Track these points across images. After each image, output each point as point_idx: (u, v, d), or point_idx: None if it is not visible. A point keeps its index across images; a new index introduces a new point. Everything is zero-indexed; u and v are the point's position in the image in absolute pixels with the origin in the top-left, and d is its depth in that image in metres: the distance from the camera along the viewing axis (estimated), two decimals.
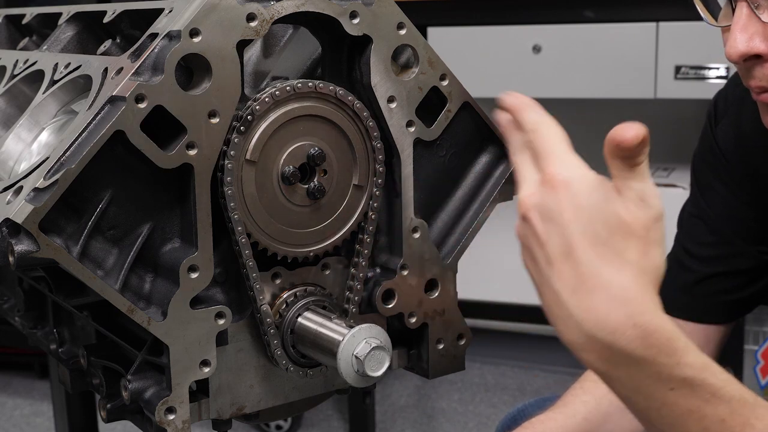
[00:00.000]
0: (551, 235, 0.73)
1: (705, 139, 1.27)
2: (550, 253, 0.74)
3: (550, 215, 0.73)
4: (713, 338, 1.25)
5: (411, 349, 0.94)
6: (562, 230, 0.73)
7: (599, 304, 0.72)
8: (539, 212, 0.74)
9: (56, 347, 0.97)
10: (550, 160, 0.75)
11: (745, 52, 0.97)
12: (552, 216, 0.73)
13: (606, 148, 0.72)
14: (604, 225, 0.72)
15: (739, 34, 0.96)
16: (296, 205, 0.83)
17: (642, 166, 0.72)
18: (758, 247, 1.22)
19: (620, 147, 0.71)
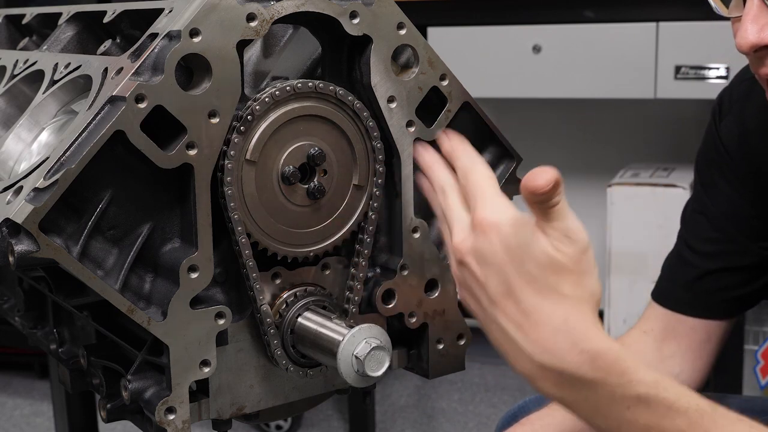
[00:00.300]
0: (489, 277, 0.77)
1: (709, 136, 1.27)
2: (491, 294, 0.77)
3: (485, 258, 0.77)
4: (715, 334, 1.26)
5: (411, 349, 0.94)
6: (498, 271, 0.76)
7: (545, 335, 0.75)
8: (474, 256, 0.78)
9: (56, 347, 0.97)
10: (479, 204, 0.78)
11: (756, 43, 0.97)
12: (487, 259, 0.77)
13: (522, 193, 0.74)
14: (536, 264, 0.75)
15: (750, 25, 0.96)
16: (296, 205, 0.83)
17: (560, 206, 0.74)
18: (761, 243, 1.22)
19: (535, 194, 0.73)
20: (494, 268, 0.76)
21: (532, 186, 0.73)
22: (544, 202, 0.73)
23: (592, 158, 3.01)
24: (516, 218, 0.77)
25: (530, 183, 0.73)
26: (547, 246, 0.74)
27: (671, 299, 1.26)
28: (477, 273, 0.78)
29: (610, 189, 2.36)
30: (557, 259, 0.74)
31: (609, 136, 2.99)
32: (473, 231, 0.78)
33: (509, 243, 0.76)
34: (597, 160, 2.99)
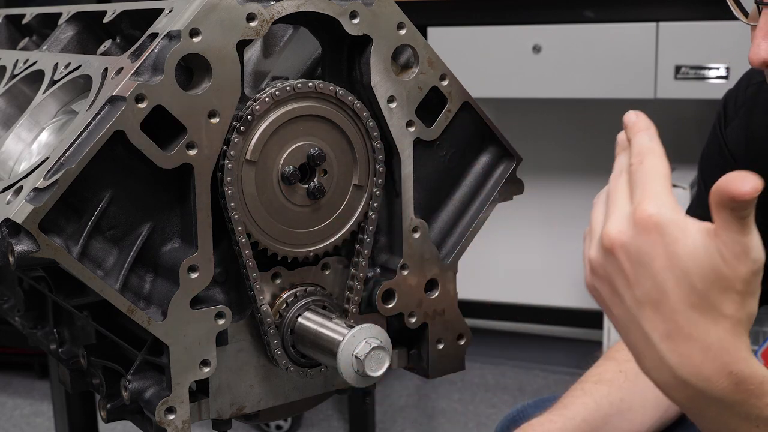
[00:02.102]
0: (641, 278, 0.71)
1: (714, 140, 1.27)
2: (639, 296, 0.71)
3: (640, 258, 0.71)
4: None
5: (411, 349, 0.94)
6: (653, 276, 0.70)
7: (694, 352, 0.71)
8: (627, 252, 0.71)
9: (56, 347, 0.97)
10: (646, 196, 0.71)
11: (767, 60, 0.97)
12: (642, 260, 0.71)
13: (714, 197, 0.68)
14: (701, 278, 0.69)
15: (763, 41, 0.96)
16: (296, 205, 0.83)
17: (749, 218, 0.68)
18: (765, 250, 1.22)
19: (734, 200, 0.67)
20: (649, 271, 0.70)
21: (736, 191, 0.66)
22: (740, 210, 0.67)
23: (592, 158, 3.01)
24: (684, 224, 0.70)
25: (733, 187, 0.67)
26: (720, 262, 0.68)
27: None
28: (627, 270, 0.71)
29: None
30: (728, 278, 0.69)
31: (609, 136, 2.99)
32: (634, 225, 0.71)
33: (675, 250, 0.69)
34: (597, 160, 2.99)
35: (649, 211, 0.70)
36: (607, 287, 0.74)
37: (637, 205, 0.71)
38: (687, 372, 0.71)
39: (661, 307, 0.70)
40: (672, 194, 0.72)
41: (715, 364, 0.71)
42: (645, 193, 0.72)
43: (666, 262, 0.70)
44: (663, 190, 0.72)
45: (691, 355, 0.71)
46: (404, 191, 0.88)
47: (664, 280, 0.70)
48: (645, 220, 0.70)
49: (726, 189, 0.67)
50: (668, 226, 0.70)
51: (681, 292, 0.70)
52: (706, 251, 0.69)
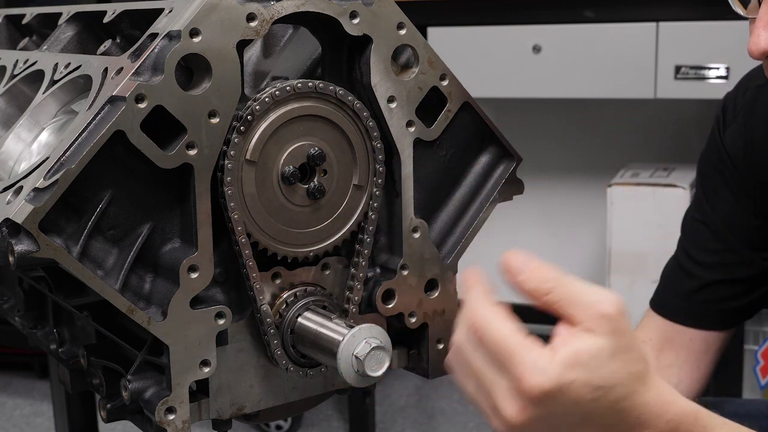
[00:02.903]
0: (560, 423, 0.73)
1: (712, 143, 1.26)
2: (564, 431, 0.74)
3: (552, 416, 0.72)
4: (713, 345, 1.25)
5: (411, 349, 0.94)
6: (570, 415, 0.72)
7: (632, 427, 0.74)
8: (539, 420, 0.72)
9: (56, 347, 0.97)
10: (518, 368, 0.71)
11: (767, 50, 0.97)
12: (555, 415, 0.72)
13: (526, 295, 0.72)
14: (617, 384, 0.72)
15: (762, 31, 0.96)
16: (296, 205, 0.83)
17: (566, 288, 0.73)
18: (762, 254, 1.22)
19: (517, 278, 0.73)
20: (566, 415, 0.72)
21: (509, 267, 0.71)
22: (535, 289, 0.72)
23: (592, 158, 3.01)
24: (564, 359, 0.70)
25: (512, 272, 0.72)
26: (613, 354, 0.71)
27: (670, 309, 1.26)
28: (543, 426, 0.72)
29: (610, 189, 2.36)
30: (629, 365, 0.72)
31: (609, 136, 2.99)
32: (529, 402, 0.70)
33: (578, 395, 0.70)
34: (597, 160, 2.99)
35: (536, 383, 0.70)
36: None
37: (519, 383, 0.71)
38: None
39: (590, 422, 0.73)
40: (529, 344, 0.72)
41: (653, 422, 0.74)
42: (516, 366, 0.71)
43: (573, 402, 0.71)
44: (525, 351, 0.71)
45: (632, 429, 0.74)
46: (404, 191, 0.88)
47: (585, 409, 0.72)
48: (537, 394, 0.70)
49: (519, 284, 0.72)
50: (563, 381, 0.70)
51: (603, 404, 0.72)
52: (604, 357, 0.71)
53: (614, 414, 0.73)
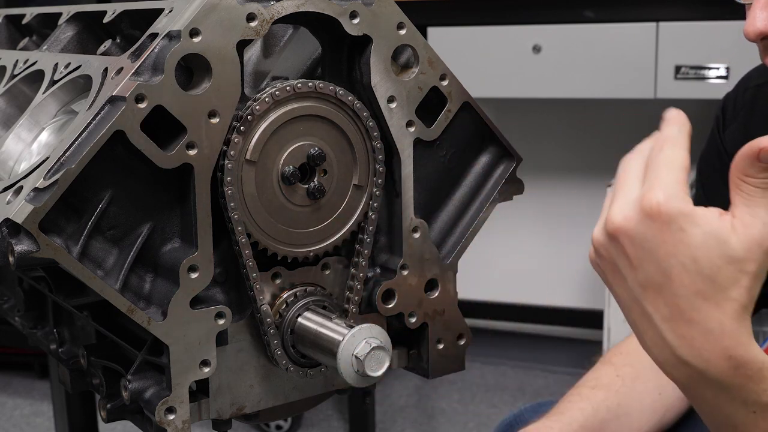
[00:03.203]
0: (644, 263, 0.71)
1: (712, 143, 1.26)
2: (642, 279, 0.71)
3: (644, 245, 0.70)
4: None
5: (411, 349, 0.94)
6: (657, 262, 0.70)
7: (695, 335, 0.71)
8: (631, 239, 0.71)
9: (56, 347, 0.97)
10: (656, 184, 0.70)
11: (764, 31, 0.96)
12: (646, 246, 0.70)
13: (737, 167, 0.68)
14: (711, 265, 0.69)
15: (759, 12, 0.96)
16: (296, 205, 0.83)
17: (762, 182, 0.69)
18: None
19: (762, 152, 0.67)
20: (654, 257, 0.70)
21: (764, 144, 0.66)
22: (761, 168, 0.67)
23: (592, 158, 3.01)
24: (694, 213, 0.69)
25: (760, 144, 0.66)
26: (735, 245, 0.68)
27: None
28: (630, 254, 0.71)
29: (610, 189, 2.36)
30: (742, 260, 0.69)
31: (609, 136, 3.00)
32: (640, 211, 0.70)
33: (682, 239, 0.69)
34: (597, 160, 2.99)
35: (657, 200, 0.69)
36: (610, 268, 0.74)
37: (646, 192, 0.70)
38: (687, 353, 0.71)
39: (664, 291, 0.70)
40: (685, 185, 0.71)
41: (715, 347, 0.71)
42: (656, 180, 0.70)
43: (672, 249, 0.69)
44: (676, 179, 0.70)
45: (692, 338, 0.71)
46: (404, 191, 0.88)
47: (669, 266, 0.69)
48: (652, 208, 0.69)
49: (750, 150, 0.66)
50: (676, 217, 0.69)
51: (686, 278, 0.69)
52: (717, 238, 0.69)
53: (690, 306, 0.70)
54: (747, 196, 0.69)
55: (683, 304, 0.70)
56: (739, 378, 0.72)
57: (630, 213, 0.71)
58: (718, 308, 0.70)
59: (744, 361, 0.72)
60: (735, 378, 0.72)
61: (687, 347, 0.71)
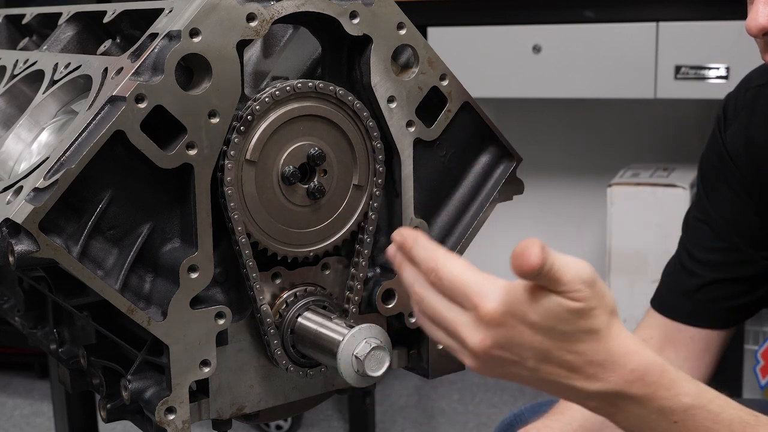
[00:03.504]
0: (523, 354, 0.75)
1: (713, 143, 1.26)
2: (530, 366, 0.76)
3: (512, 344, 0.75)
4: (714, 343, 1.25)
5: (411, 349, 0.94)
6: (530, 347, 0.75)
7: (594, 370, 0.76)
8: (501, 348, 0.75)
9: (56, 347, 0.97)
10: (476, 298, 0.74)
11: (766, 27, 0.96)
12: (514, 343, 0.75)
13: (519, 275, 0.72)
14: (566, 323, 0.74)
15: (762, 7, 0.96)
16: (296, 205, 0.83)
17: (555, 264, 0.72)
18: (763, 253, 1.22)
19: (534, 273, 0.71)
20: (525, 346, 0.74)
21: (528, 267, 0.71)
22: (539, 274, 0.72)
23: (592, 158, 3.01)
24: (519, 296, 0.74)
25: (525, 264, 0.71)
26: (564, 304, 0.73)
27: (670, 308, 1.26)
28: (509, 357, 0.76)
29: (610, 189, 2.36)
30: (579, 308, 0.74)
31: (609, 136, 2.99)
32: (487, 327, 0.74)
33: (530, 321, 0.73)
34: (597, 160, 2.99)
35: (491, 308, 0.73)
36: (502, 373, 0.79)
37: (477, 310, 0.74)
38: (600, 387, 0.76)
39: (551, 360, 0.75)
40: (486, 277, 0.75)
41: (615, 369, 0.76)
42: (473, 297, 0.74)
43: (534, 334, 0.74)
44: (480, 282, 0.75)
45: (595, 374, 0.76)
46: (404, 191, 0.88)
47: (541, 345, 0.74)
48: (493, 316, 0.73)
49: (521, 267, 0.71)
50: (514, 308, 0.73)
51: (557, 343, 0.74)
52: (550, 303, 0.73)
53: (575, 355, 0.75)
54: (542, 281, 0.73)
55: (570, 359, 0.75)
56: (650, 387, 0.76)
57: (482, 334, 0.75)
58: (596, 342, 0.75)
59: (644, 368, 0.76)
60: (646, 387, 0.76)
61: (596, 383, 0.76)
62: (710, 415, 0.78)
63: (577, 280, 0.74)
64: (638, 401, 0.77)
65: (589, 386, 0.76)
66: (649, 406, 0.77)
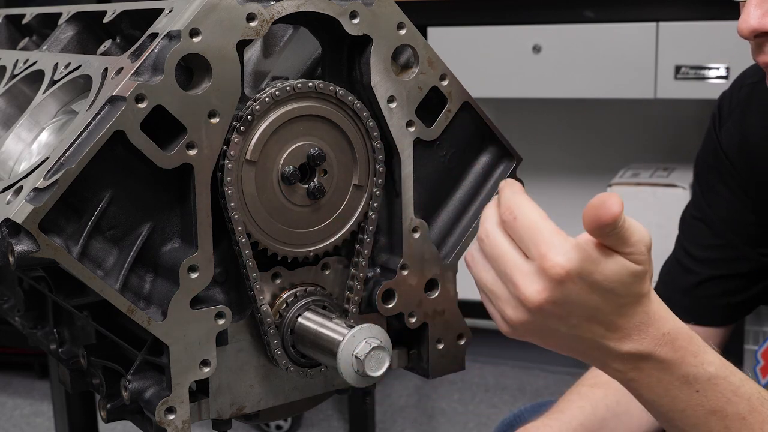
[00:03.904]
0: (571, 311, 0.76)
1: (709, 141, 1.27)
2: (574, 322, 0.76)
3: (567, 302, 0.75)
4: (713, 340, 1.25)
5: (411, 349, 0.94)
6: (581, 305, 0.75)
7: (629, 331, 0.77)
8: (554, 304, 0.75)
9: (56, 347, 0.97)
10: (545, 249, 0.74)
11: (757, 28, 0.96)
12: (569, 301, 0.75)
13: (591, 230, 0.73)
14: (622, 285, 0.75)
15: (753, 9, 0.96)
16: (296, 205, 0.83)
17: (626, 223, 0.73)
18: (759, 249, 1.22)
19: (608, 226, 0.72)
20: (578, 303, 0.75)
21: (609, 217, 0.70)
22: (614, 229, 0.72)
23: (592, 158, 3.01)
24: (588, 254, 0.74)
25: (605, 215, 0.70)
26: (629, 267, 0.74)
27: (669, 305, 1.26)
28: (559, 313, 0.76)
29: (610, 189, 2.36)
30: (640, 272, 0.75)
31: (609, 136, 2.99)
32: (550, 279, 0.74)
33: (593, 281, 0.74)
34: (597, 160, 2.99)
35: (559, 262, 0.74)
36: (541, 333, 0.79)
37: (543, 260, 0.74)
38: (631, 347, 0.78)
39: (597, 318, 0.76)
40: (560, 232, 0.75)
41: (650, 330, 0.78)
42: (541, 246, 0.74)
43: (588, 290, 0.75)
44: (552, 234, 0.75)
45: (629, 335, 0.77)
46: (404, 191, 0.88)
47: (595, 301, 0.75)
48: (558, 272, 0.74)
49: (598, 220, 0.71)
50: (581, 267, 0.74)
51: (611, 303, 0.76)
52: (616, 265, 0.74)
53: (620, 315, 0.76)
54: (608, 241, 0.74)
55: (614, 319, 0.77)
56: (677, 352, 0.78)
57: (540, 285, 0.75)
58: (638, 304, 0.77)
59: (675, 333, 0.78)
60: (675, 352, 0.78)
61: (630, 343, 0.77)
62: (731, 387, 0.79)
63: (642, 243, 0.74)
64: (665, 366, 0.78)
65: (622, 346, 0.77)
66: (674, 371, 0.78)
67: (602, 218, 0.70)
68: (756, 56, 1.01)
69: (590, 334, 0.77)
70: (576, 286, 0.74)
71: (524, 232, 0.75)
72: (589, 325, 0.76)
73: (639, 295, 0.76)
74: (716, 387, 0.79)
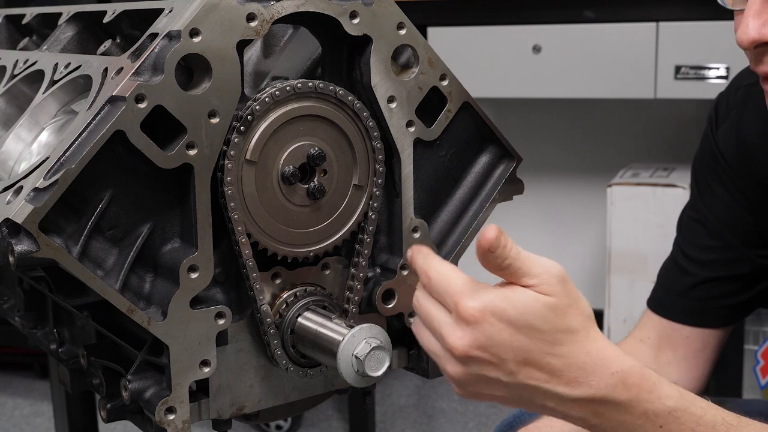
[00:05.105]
0: (503, 355, 0.76)
1: (706, 142, 1.27)
2: (510, 368, 0.76)
3: (492, 343, 0.76)
4: (711, 342, 1.25)
5: (411, 349, 0.94)
6: (510, 346, 0.76)
7: (575, 374, 0.76)
8: (480, 347, 0.76)
9: (56, 347, 0.97)
10: (457, 297, 0.76)
11: (757, 39, 0.96)
12: (494, 342, 0.76)
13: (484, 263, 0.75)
14: (541, 320, 0.75)
15: (752, 20, 0.96)
16: (296, 205, 0.83)
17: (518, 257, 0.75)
18: (757, 251, 1.22)
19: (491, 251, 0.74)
20: (504, 345, 0.76)
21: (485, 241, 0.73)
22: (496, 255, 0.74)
23: (592, 158, 3.01)
24: (496, 293, 0.76)
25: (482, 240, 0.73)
26: (538, 298, 0.75)
27: (666, 308, 1.26)
28: (489, 359, 0.76)
29: (610, 189, 2.36)
30: (553, 303, 0.75)
31: (609, 136, 2.99)
32: (466, 325, 0.76)
33: (508, 318, 0.75)
34: (597, 160, 2.99)
35: (470, 305, 0.75)
36: (482, 384, 0.79)
37: (458, 308, 0.76)
38: (580, 392, 0.77)
39: (530, 364, 0.76)
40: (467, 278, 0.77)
41: (595, 372, 0.76)
42: (454, 295, 0.76)
43: (511, 331, 0.75)
44: (463, 283, 0.77)
45: (576, 378, 0.77)
46: (404, 191, 0.88)
47: (520, 343, 0.75)
48: (472, 313, 0.75)
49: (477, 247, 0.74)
50: (492, 304, 0.75)
51: (536, 342, 0.76)
52: (526, 300, 0.75)
53: (555, 357, 0.76)
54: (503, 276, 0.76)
55: (550, 361, 0.76)
56: (632, 390, 0.77)
57: (460, 332, 0.76)
58: (574, 343, 0.76)
59: (625, 372, 0.77)
60: (629, 391, 0.77)
61: (578, 387, 0.77)
62: (694, 417, 0.79)
63: (546, 274, 0.75)
64: (622, 407, 0.77)
65: (572, 392, 0.77)
66: (633, 411, 0.77)
67: (480, 244, 0.73)
68: (755, 66, 1.01)
69: (533, 381, 0.76)
70: (494, 327, 0.75)
71: (439, 288, 0.77)
72: (527, 370, 0.76)
73: (566, 332, 0.76)
74: (678, 419, 0.78)
